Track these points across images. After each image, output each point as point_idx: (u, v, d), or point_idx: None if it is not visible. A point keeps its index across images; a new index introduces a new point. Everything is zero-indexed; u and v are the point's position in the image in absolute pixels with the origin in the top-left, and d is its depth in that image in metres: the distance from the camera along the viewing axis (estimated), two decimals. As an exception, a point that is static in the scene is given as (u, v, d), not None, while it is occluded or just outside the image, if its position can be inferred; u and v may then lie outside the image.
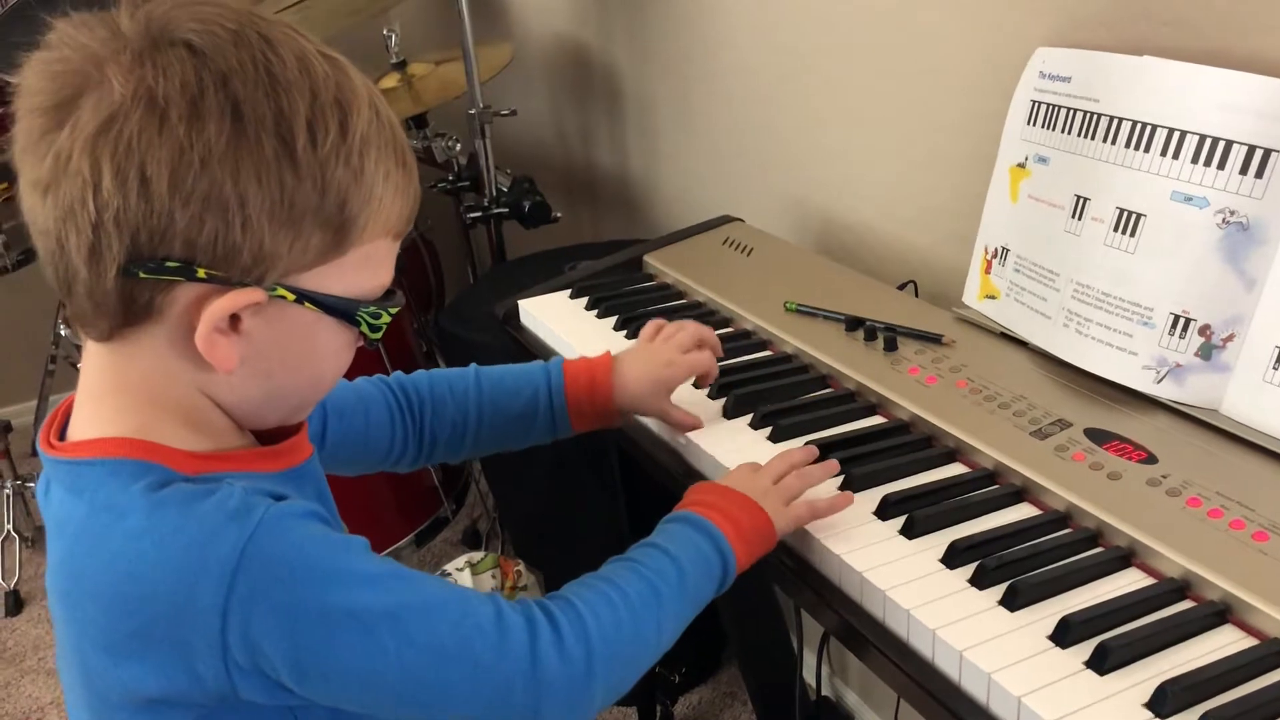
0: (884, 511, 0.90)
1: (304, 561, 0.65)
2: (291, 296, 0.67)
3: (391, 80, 2.22)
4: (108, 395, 0.70)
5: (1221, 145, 0.92)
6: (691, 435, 1.05)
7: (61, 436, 0.72)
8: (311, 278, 0.68)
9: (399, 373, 1.02)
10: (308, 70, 0.66)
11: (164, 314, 0.66)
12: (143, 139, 0.62)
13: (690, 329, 1.08)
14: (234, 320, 0.67)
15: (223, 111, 0.63)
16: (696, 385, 1.12)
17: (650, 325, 1.11)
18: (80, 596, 0.68)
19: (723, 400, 1.09)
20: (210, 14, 0.65)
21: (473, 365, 1.04)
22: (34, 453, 1.12)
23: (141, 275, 0.64)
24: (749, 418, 1.06)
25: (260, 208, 0.64)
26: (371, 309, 0.71)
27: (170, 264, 0.64)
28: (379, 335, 0.73)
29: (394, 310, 0.73)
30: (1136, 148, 0.99)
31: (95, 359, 0.70)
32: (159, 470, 0.67)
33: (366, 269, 0.71)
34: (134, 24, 0.64)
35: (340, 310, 0.70)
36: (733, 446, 1.02)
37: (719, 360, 1.10)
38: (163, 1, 0.66)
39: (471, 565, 1.09)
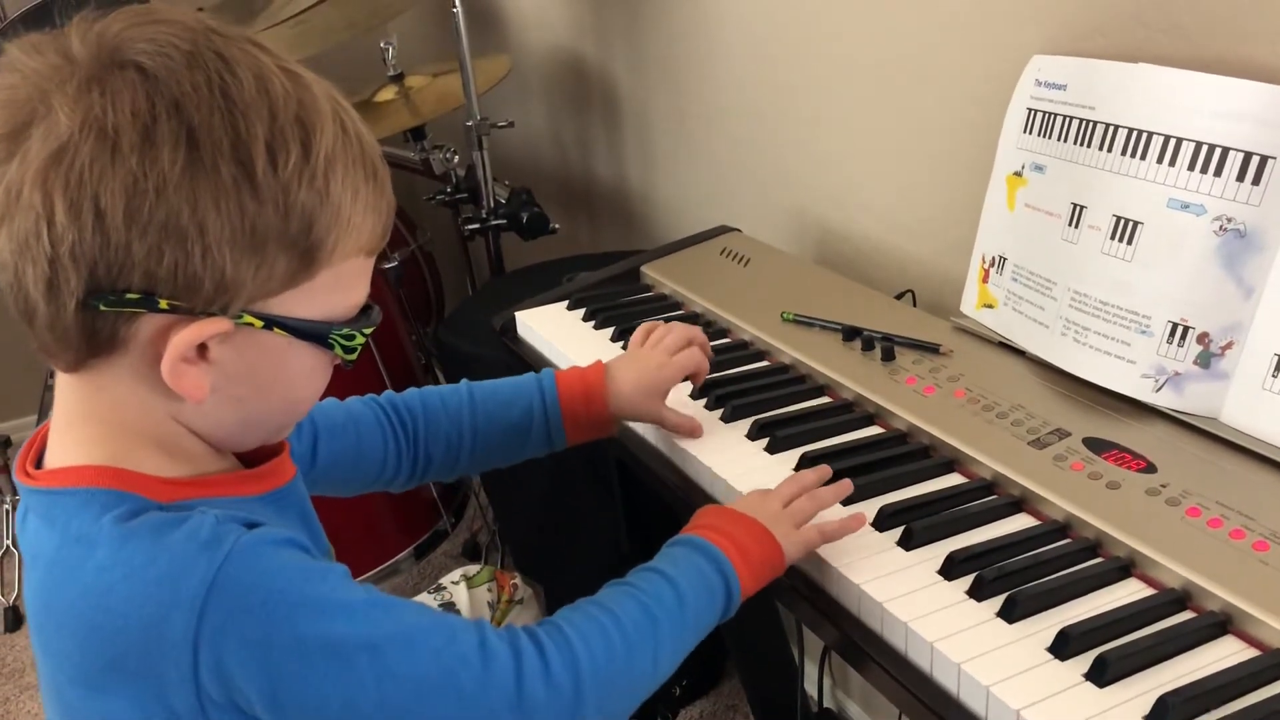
0: (882, 523, 0.90)
1: (277, 591, 0.64)
2: (259, 323, 0.65)
3: (389, 93, 2.22)
4: (80, 424, 0.69)
5: (1218, 152, 0.92)
6: (688, 446, 1.04)
7: (40, 464, 0.71)
8: (280, 302, 0.66)
9: (389, 392, 1.01)
10: (266, 89, 0.63)
11: (128, 345, 0.65)
12: (94, 170, 0.60)
13: (678, 330, 1.08)
14: (201, 349, 0.65)
15: (176, 138, 0.61)
16: (695, 394, 1.11)
17: (639, 330, 1.11)
18: (54, 630, 0.67)
19: (720, 410, 1.09)
20: (163, 33, 0.63)
21: (464, 381, 1.03)
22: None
23: (102, 308, 0.62)
24: (746, 428, 1.06)
25: (220, 235, 0.62)
26: (345, 330, 0.70)
27: (130, 296, 0.62)
28: (354, 356, 0.71)
29: (368, 330, 0.71)
30: (1133, 155, 0.98)
31: (66, 387, 0.69)
32: (132, 499, 0.66)
33: (338, 289, 0.69)
34: (85, 47, 0.62)
35: (312, 334, 0.68)
36: (730, 457, 1.02)
37: (709, 361, 1.10)
38: (116, 19, 0.64)
39: (467, 579, 1.08)
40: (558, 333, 1.32)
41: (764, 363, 1.21)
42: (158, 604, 0.62)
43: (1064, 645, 0.74)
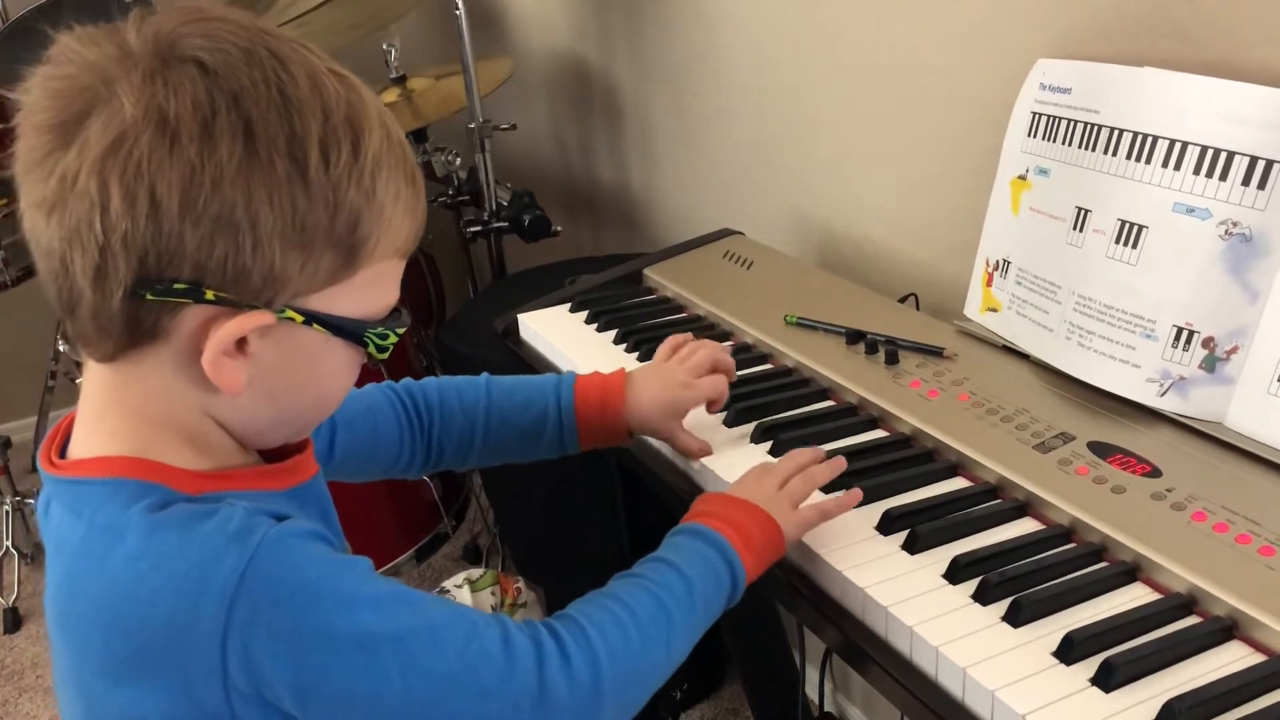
0: (886, 527, 0.89)
1: (306, 583, 0.64)
2: (300, 318, 0.66)
3: (391, 95, 2.22)
4: (109, 414, 0.69)
5: (1223, 156, 0.92)
6: (692, 450, 1.04)
7: (63, 454, 0.71)
8: (320, 299, 0.67)
9: (408, 380, 1.01)
10: (319, 89, 0.64)
11: (169, 336, 0.65)
12: (153, 160, 0.60)
13: (706, 350, 1.06)
14: (241, 342, 0.65)
15: (235, 132, 0.61)
16: (708, 410, 1.10)
17: (667, 343, 1.09)
18: (78, 619, 0.67)
19: (723, 414, 1.08)
20: (220, 31, 0.64)
21: (484, 375, 1.03)
22: (34, 469, 1.12)
23: (149, 297, 0.63)
24: (750, 432, 1.05)
25: (272, 229, 0.63)
26: (379, 329, 0.71)
27: (178, 286, 0.63)
28: (385, 355, 0.72)
29: (401, 330, 0.72)
30: (1138, 159, 0.98)
31: (96, 377, 0.69)
32: (160, 490, 0.66)
33: (374, 289, 0.70)
34: (141, 41, 0.63)
35: (348, 331, 0.69)
36: (733, 460, 1.01)
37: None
38: (170, 16, 0.64)
39: (470, 582, 1.08)
40: (560, 335, 1.32)
41: (767, 366, 1.21)
42: (187, 595, 0.62)
43: (1069, 650, 0.74)
